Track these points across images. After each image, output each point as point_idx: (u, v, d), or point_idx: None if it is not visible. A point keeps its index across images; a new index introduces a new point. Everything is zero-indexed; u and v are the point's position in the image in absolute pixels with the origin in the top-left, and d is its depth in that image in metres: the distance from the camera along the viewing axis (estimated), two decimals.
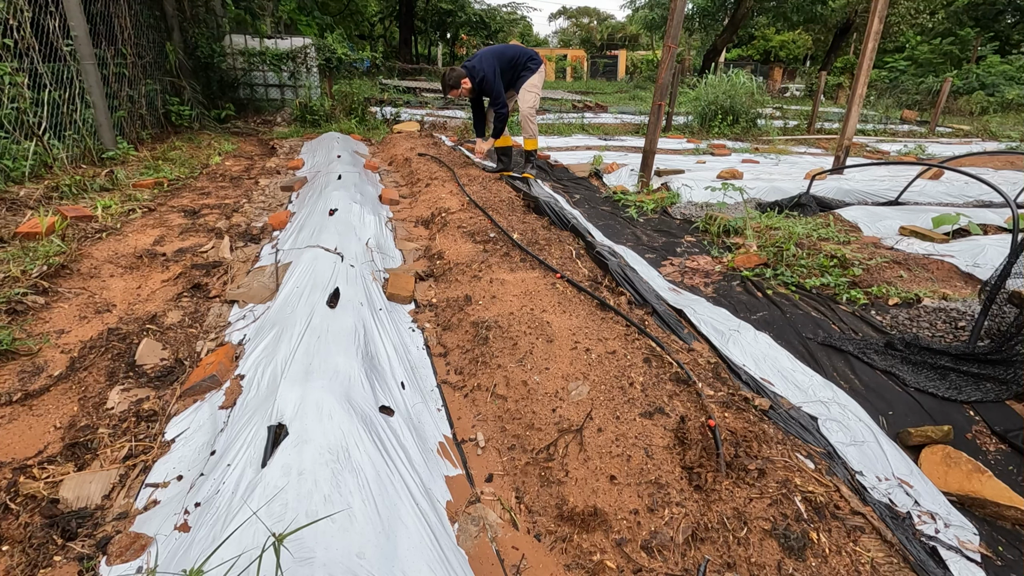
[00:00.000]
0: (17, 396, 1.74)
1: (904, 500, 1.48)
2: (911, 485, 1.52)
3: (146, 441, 1.60)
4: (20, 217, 3.16)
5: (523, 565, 1.29)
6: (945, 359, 2.03)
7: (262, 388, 1.66)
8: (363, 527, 1.12)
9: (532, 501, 1.48)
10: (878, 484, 1.53)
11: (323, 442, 1.32)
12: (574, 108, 12.59)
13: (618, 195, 4.63)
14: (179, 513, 1.27)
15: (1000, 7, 19.38)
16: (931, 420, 1.77)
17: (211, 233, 3.33)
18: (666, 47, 4.25)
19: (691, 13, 22.18)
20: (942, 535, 1.37)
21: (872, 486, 1.52)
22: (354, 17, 20.96)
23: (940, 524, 1.40)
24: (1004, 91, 15.17)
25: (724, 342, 2.21)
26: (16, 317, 2.16)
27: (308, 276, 2.38)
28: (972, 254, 3.01)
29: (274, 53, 8.49)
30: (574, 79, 31.58)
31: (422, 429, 1.71)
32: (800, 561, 1.25)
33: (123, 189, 4.04)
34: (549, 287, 2.50)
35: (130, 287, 2.58)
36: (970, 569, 1.28)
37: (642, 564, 1.27)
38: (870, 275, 2.85)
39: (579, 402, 1.75)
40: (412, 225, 3.71)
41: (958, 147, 8.43)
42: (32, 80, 4.23)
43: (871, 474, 1.56)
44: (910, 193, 4.57)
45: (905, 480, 1.53)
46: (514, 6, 26.90)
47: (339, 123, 8.17)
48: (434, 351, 2.21)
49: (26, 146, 4.01)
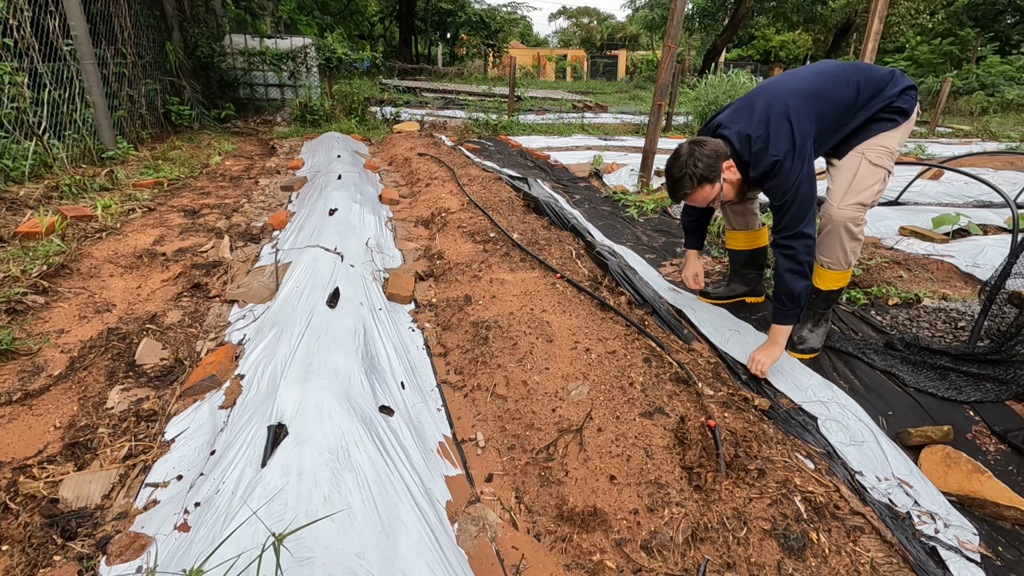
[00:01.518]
0: (17, 396, 1.74)
1: (904, 500, 1.48)
2: (911, 485, 1.52)
3: (146, 441, 1.60)
4: (20, 217, 3.16)
5: (523, 565, 1.29)
6: (945, 359, 2.03)
7: (262, 388, 1.66)
8: (363, 527, 1.12)
9: (532, 501, 1.48)
10: (878, 484, 1.53)
11: (323, 442, 1.32)
12: (574, 108, 12.59)
13: (618, 195, 4.63)
14: (179, 513, 1.27)
15: (1000, 7, 19.37)
16: (931, 420, 1.77)
17: (211, 233, 3.32)
18: (666, 47, 4.25)
19: (691, 13, 22.19)
20: (942, 535, 1.37)
21: (872, 486, 1.52)
22: (354, 17, 20.95)
23: (940, 524, 1.40)
24: (1004, 91, 15.16)
25: (724, 342, 2.21)
26: (16, 317, 2.16)
27: (308, 276, 2.38)
28: (972, 254, 3.01)
29: (274, 53, 8.49)
30: (574, 79, 31.58)
31: (422, 429, 1.71)
32: (800, 561, 1.25)
33: (123, 189, 4.04)
34: (549, 287, 2.50)
35: (130, 287, 2.58)
36: (970, 569, 1.28)
37: (642, 564, 1.27)
38: (870, 275, 2.85)
39: (579, 402, 1.75)
40: (412, 225, 3.71)
41: (958, 147, 8.43)
42: (32, 80, 4.22)
43: (871, 474, 1.56)
44: (910, 193, 4.57)
45: (905, 480, 1.53)
46: (514, 6, 26.90)
47: (339, 123, 8.17)
48: (434, 351, 2.21)
49: (26, 146, 4.01)
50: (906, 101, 1.90)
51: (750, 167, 1.89)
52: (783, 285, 1.85)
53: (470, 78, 18.11)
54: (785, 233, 1.84)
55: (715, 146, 1.87)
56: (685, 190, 1.90)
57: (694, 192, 1.90)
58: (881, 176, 1.91)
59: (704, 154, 1.85)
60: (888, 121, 1.90)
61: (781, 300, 1.87)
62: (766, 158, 1.80)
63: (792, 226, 1.82)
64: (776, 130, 1.80)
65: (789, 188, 1.79)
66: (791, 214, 1.81)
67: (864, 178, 1.89)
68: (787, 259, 1.85)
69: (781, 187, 1.81)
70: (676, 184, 1.91)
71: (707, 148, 1.86)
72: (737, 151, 1.89)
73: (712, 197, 1.92)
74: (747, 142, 1.86)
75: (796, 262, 1.82)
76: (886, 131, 1.90)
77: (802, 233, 1.81)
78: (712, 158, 1.85)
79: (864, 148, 1.90)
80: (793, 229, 1.82)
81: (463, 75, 18.77)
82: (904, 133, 1.93)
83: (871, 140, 1.91)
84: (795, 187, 1.79)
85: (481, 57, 23.90)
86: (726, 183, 1.92)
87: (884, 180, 1.92)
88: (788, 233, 1.83)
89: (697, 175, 1.86)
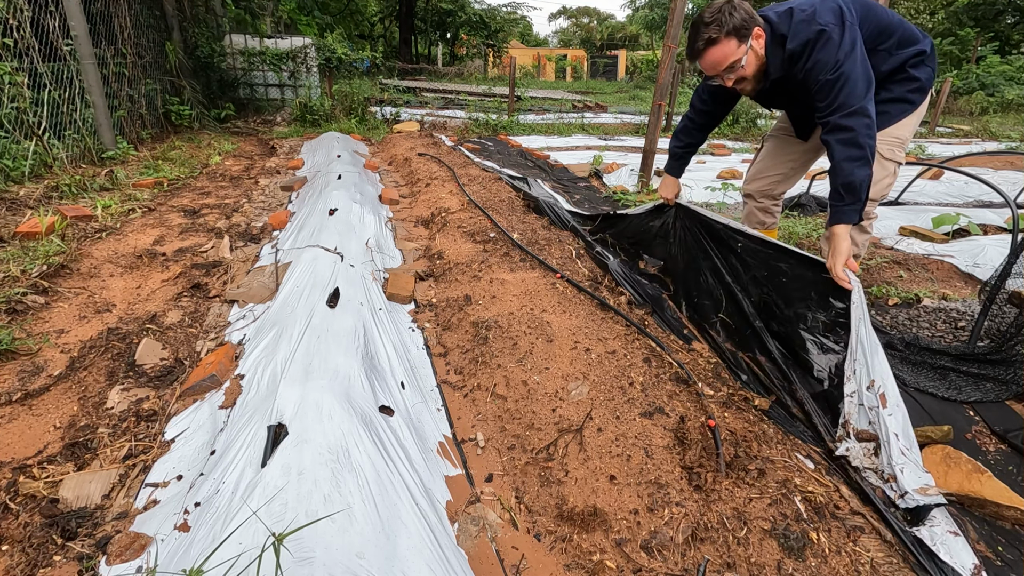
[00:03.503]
0: (17, 396, 1.74)
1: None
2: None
3: (146, 441, 1.60)
4: (20, 217, 3.16)
5: (523, 565, 1.29)
6: (945, 359, 2.03)
7: (262, 388, 1.66)
8: (363, 527, 1.12)
9: (532, 501, 1.48)
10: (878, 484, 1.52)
11: (323, 442, 1.32)
12: (574, 108, 12.59)
13: (618, 195, 4.63)
14: (179, 513, 1.27)
15: (1000, 7, 19.38)
16: (931, 420, 1.77)
17: (211, 233, 3.32)
18: (666, 47, 4.25)
19: (691, 13, 22.18)
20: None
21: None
22: (354, 17, 20.97)
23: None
24: (1004, 91, 15.17)
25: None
26: (16, 317, 2.16)
27: (308, 276, 2.38)
28: (972, 254, 3.01)
29: (274, 53, 8.49)
30: (574, 79, 31.59)
31: (422, 429, 1.71)
32: (800, 561, 1.25)
33: (123, 189, 4.04)
34: (549, 287, 2.50)
35: (130, 287, 2.58)
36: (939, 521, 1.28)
37: (642, 564, 1.27)
38: (870, 275, 2.85)
39: (579, 402, 1.75)
40: (412, 225, 3.71)
41: (958, 147, 8.43)
42: (32, 80, 4.22)
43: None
44: (910, 193, 4.57)
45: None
46: (514, 6, 26.92)
47: (339, 123, 8.17)
48: (434, 351, 2.21)
49: (26, 146, 4.01)
50: (926, 72, 1.77)
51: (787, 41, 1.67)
52: (842, 175, 1.58)
53: (470, 78, 18.11)
54: (842, 112, 1.56)
55: (751, 11, 1.71)
56: (711, 35, 1.68)
57: (718, 44, 1.69)
58: (891, 169, 1.83)
59: (742, 7, 1.68)
60: (906, 103, 1.77)
61: (839, 195, 1.61)
62: (811, 26, 1.60)
63: (850, 102, 1.54)
64: (823, 5, 1.64)
65: (841, 60, 1.55)
66: (847, 89, 1.55)
67: (874, 171, 1.75)
68: (845, 145, 1.57)
69: (831, 59, 1.57)
70: (702, 29, 1.70)
71: (745, 5, 1.70)
72: (773, 25, 1.71)
73: (732, 60, 1.71)
74: (787, 15, 1.68)
75: (856, 146, 1.55)
76: (902, 117, 1.78)
77: (863, 109, 1.54)
78: (749, 16, 1.68)
79: (877, 140, 1.76)
80: (852, 105, 1.54)
81: (463, 75, 18.77)
82: (916, 120, 1.83)
83: (884, 131, 1.79)
84: (848, 60, 1.54)
85: (481, 57, 23.91)
86: (751, 53, 1.72)
87: (895, 173, 1.85)
88: (846, 111, 1.55)
89: (730, 24, 1.65)
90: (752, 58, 1.74)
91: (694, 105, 2.19)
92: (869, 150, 1.55)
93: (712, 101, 2.12)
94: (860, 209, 1.60)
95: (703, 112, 2.18)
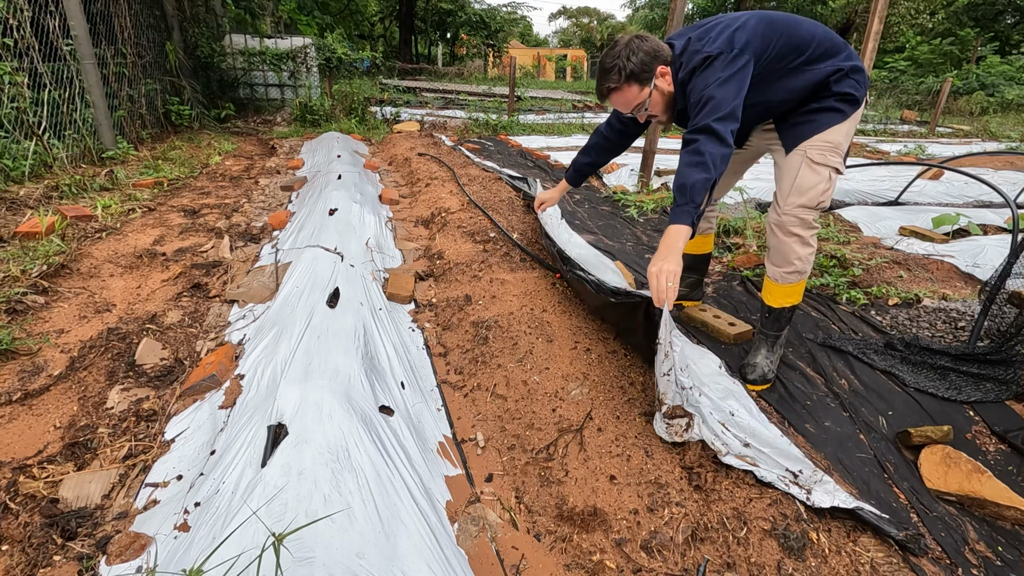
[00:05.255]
0: (17, 396, 1.74)
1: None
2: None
3: (146, 441, 1.60)
4: (20, 216, 3.16)
5: (523, 565, 1.29)
6: (945, 359, 2.03)
7: (262, 388, 1.66)
8: (363, 527, 1.12)
9: (532, 501, 1.48)
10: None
11: (323, 442, 1.32)
12: (574, 108, 12.59)
13: (618, 195, 4.63)
14: (179, 513, 1.27)
15: (1000, 7, 19.39)
16: (931, 420, 1.77)
17: (211, 233, 3.32)
18: None
19: (691, 13, 22.19)
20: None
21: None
22: (354, 17, 20.97)
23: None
24: (1004, 91, 15.18)
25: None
26: (16, 317, 2.16)
27: (308, 276, 2.38)
28: (972, 254, 3.00)
29: (274, 53, 8.49)
30: (574, 79, 31.58)
31: (422, 429, 1.70)
32: (800, 561, 1.25)
33: (123, 189, 4.04)
34: (549, 287, 2.50)
35: (130, 287, 2.58)
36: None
37: (642, 564, 1.27)
38: (870, 275, 2.85)
39: (579, 402, 1.75)
40: (412, 225, 3.71)
41: (958, 147, 8.43)
42: (32, 80, 4.22)
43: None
44: (910, 193, 4.57)
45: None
46: (514, 6, 26.91)
47: (339, 123, 8.17)
48: (434, 351, 2.21)
49: (26, 145, 4.01)
50: (854, 87, 1.75)
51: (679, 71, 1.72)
52: (679, 177, 1.61)
53: (470, 78, 18.11)
54: (693, 127, 1.62)
55: (657, 46, 1.71)
56: (611, 84, 1.72)
57: (620, 89, 1.73)
58: (826, 175, 1.77)
59: (642, 49, 1.69)
60: (835, 112, 1.76)
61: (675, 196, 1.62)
62: (698, 55, 1.65)
63: (702, 121, 1.59)
64: (718, 34, 1.66)
65: (711, 83, 1.59)
66: (706, 109, 1.59)
67: (805, 178, 1.76)
68: (689, 152, 1.61)
69: (703, 83, 1.62)
70: (604, 76, 1.74)
71: (647, 44, 1.70)
72: (675, 55, 1.74)
73: (637, 102, 1.75)
74: (685, 44, 1.72)
75: (697, 153, 1.58)
76: (832, 125, 1.77)
77: (710, 127, 1.57)
78: (649, 56, 1.69)
79: (807, 146, 1.77)
80: (702, 123, 1.59)
81: (463, 75, 18.77)
82: (851, 126, 1.80)
83: (815, 137, 1.77)
84: (718, 84, 1.59)
85: (481, 57, 23.91)
86: (656, 91, 1.74)
87: (830, 179, 1.77)
88: (696, 127, 1.60)
89: (627, 70, 1.68)
90: (658, 97, 1.76)
91: (611, 123, 2.16)
92: (708, 157, 1.56)
93: (632, 122, 2.11)
94: (693, 211, 1.58)
95: (620, 132, 2.16)
